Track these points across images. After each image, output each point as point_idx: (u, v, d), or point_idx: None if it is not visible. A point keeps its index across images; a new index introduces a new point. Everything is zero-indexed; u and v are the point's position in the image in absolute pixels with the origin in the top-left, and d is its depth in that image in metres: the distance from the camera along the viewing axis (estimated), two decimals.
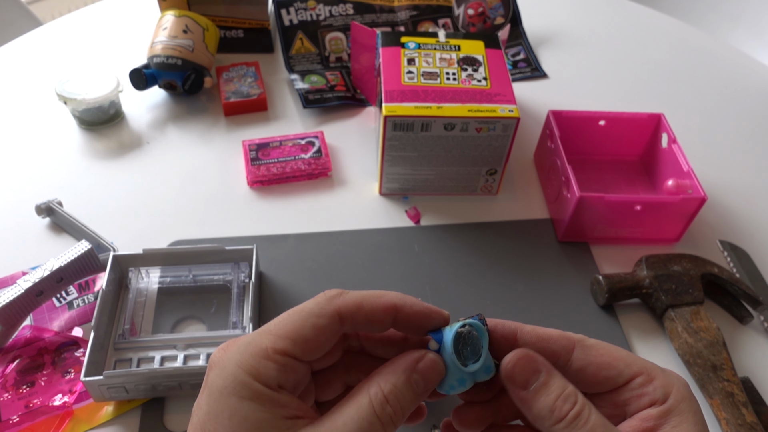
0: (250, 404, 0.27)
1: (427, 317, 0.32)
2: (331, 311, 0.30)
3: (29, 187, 0.75)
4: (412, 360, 0.30)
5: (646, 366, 0.31)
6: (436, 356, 0.31)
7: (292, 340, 0.29)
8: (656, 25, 1.08)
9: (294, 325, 0.29)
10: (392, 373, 0.30)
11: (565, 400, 0.29)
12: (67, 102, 0.79)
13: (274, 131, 0.83)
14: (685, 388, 0.31)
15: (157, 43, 0.83)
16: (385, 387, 0.29)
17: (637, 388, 0.31)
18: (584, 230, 0.70)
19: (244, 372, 0.28)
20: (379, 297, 0.31)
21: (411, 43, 0.75)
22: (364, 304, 0.30)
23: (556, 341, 0.32)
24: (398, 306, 0.31)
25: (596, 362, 0.32)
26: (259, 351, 0.29)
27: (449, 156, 0.71)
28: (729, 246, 0.72)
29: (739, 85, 0.96)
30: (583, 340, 0.32)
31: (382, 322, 0.31)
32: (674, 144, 0.72)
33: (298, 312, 0.30)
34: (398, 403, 0.29)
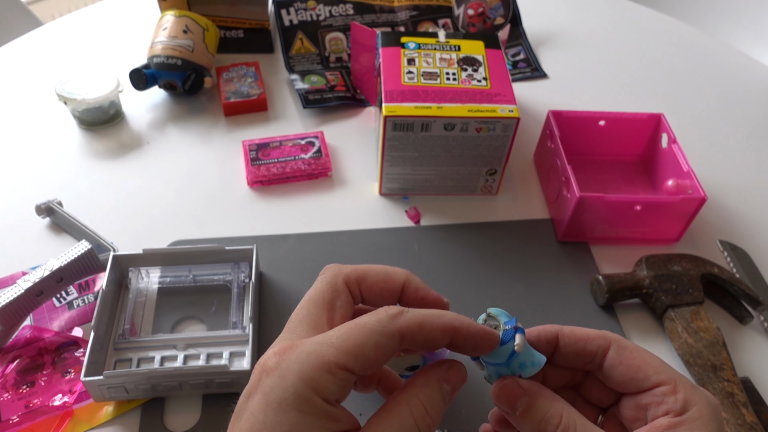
0: (309, 419, 0.28)
1: (483, 340, 0.32)
2: (394, 331, 0.30)
3: (29, 187, 0.75)
4: (442, 371, 0.32)
5: (676, 379, 0.32)
6: (460, 364, 0.33)
7: (354, 356, 0.29)
8: (656, 25, 1.08)
9: (357, 341, 0.29)
10: (426, 385, 0.31)
11: (547, 422, 0.31)
12: (67, 102, 0.79)
13: (274, 131, 0.83)
14: (709, 409, 0.31)
15: (157, 43, 0.83)
16: (423, 400, 0.30)
17: (660, 396, 0.32)
18: (584, 230, 0.70)
19: (306, 386, 0.28)
20: (438, 318, 0.31)
21: (411, 43, 0.75)
22: (424, 324, 0.31)
23: (593, 341, 0.34)
24: (456, 328, 0.31)
25: (626, 363, 0.33)
26: (322, 364, 0.28)
27: (449, 156, 0.71)
28: (729, 246, 0.72)
29: (739, 85, 0.96)
30: (619, 341, 0.34)
31: (440, 342, 0.31)
32: (674, 144, 0.72)
33: (360, 327, 0.30)
34: (435, 413, 0.31)
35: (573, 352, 0.34)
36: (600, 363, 0.34)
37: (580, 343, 0.34)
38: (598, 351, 0.34)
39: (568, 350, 0.35)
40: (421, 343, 0.31)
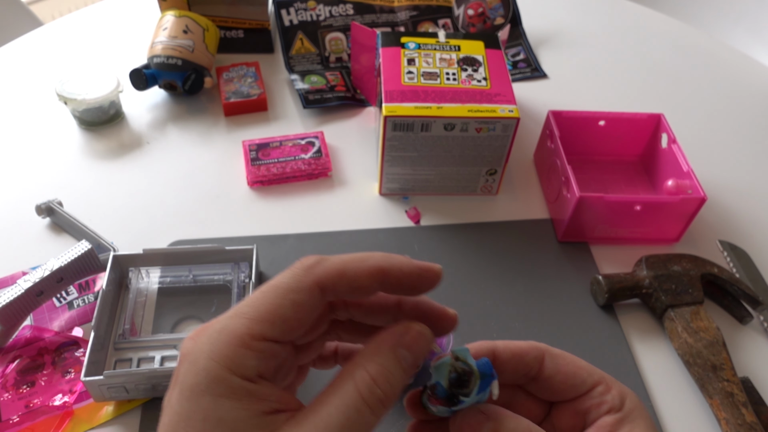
0: (226, 402, 0.24)
1: (419, 278, 0.29)
2: (310, 284, 0.27)
3: (29, 187, 0.75)
4: (396, 334, 0.28)
5: (603, 375, 0.32)
6: (421, 326, 0.29)
7: (270, 322, 0.26)
8: (656, 25, 1.08)
9: (271, 305, 0.26)
10: (377, 352, 0.27)
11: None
12: (68, 102, 0.79)
13: (274, 131, 0.83)
14: (635, 397, 0.32)
15: (158, 44, 0.83)
16: (371, 369, 0.26)
17: (598, 396, 0.32)
18: (584, 230, 0.70)
19: (218, 365, 0.25)
20: (363, 261, 0.28)
21: (411, 43, 0.75)
22: (346, 271, 0.27)
23: (528, 353, 0.32)
24: (385, 269, 0.28)
25: (563, 371, 0.32)
26: (234, 339, 0.25)
27: (449, 156, 0.71)
28: (729, 246, 0.72)
29: (739, 86, 0.96)
30: (549, 350, 0.33)
31: (368, 288, 0.28)
32: (674, 144, 0.72)
33: (273, 289, 0.27)
34: (388, 384, 0.26)
35: (511, 368, 0.32)
36: (535, 375, 0.33)
37: (516, 358, 0.32)
38: (534, 363, 0.32)
39: (506, 367, 0.32)
40: (346, 291, 0.28)
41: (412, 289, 0.29)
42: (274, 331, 0.26)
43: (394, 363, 0.27)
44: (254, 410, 0.25)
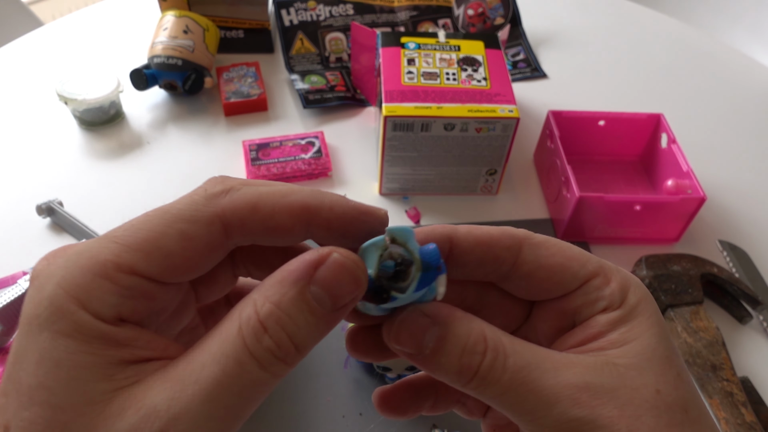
0: (69, 343, 0.19)
1: (357, 222, 0.23)
2: (210, 215, 0.21)
3: (30, 188, 0.75)
4: (308, 265, 0.21)
5: (601, 265, 0.25)
6: (345, 254, 0.21)
7: (146, 252, 0.20)
8: (656, 25, 1.08)
9: (152, 232, 0.21)
10: (276, 285, 0.21)
11: (472, 353, 0.22)
12: (68, 102, 0.79)
13: (275, 131, 0.83)
14: (641, 288, 0.25)
15: (158, 44, 0.83)
16: (261, 308, 0.20)
17: (593, 292, 0.25)
18: (584, 230, 0.70)
19: (66, 294, 0.19)
20: (284, 195, 0.22)
21: (411, 43, 0.75)
22: (260, 205, 0.22)
23: (498, 242, 0.25)
24: (312, 208, 0.22)
25: (547, 264, 0.25)
26: (95, 266, 0.20)
27: (449, 156, 0.71)
28: (728, 246, 0.72)
29: (739, 86, 0.96)
30: (530, 238, 0.26)
31: (289, 231, 0.22)
32: (674, 144, 0.73)
33: (160, 213, 0.21)
34: (283, 332, 0.20)
35: (474, 260, 0.25)
36: (508, 271, 0.26)
37: (481, 246, 0.25)
38: (507, 254, 0.25)
39: (468, 258, 0.25)
40: (259, 232, 0.22)
41: (347, 237, 0.23)
42: (150, 265, 0.20)
43: (297, 305, 0.20)
44: (106, 357, 0.19)
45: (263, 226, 0.22)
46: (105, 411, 0.19)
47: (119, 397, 0.19)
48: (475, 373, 0.22)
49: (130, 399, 0.19)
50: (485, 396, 0.23)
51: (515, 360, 0.22)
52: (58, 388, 0.19)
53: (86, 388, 0.19)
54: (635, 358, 0.23)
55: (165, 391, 0.19)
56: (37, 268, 0.20)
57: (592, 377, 0.22)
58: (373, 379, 0.58)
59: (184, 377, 0.19)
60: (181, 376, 0.19)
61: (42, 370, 0.19)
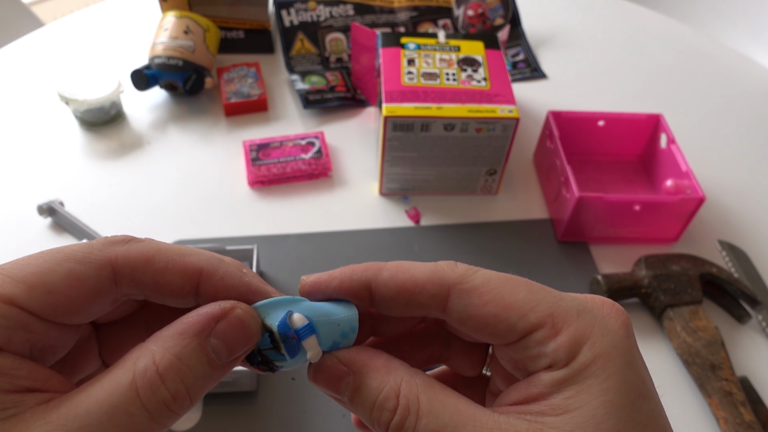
0: None
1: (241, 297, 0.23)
2: (102, 259, 0.21)
3: (31, 188, 0.75)
4: (209, 318, 0.21)
5: (554, 313, 0.22)
6: (246, 310, 0.22)
7: (28, 285, 0.20)
8: (655, 26, 1.08)
9: (39, 267, 0.21)
10: (177, 337, 0.20)
11: (381, 409, 0.22)
12: (69, 103, 0.79)
13: (275, 131, 0.83)
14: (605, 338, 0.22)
15: (158, 44, 0.83)
16: (162, 359, 0.20)
17: (534, 346, 0.22)
18: (583, 230, 0.70)
19: None
20: (182, 255, 0.22)
21: (411, 43, 0.75)
22: (156, 259, 0.22)
23: (422, 290, 0.23)
24: (205, 274, 0.22)
25: (477, 315, 0.23)
26: None
27: (449, 156, 0.71)
28: (727, 246, 0.72)
29: (738, 86, 0.96)
30: (461, 282, 0.23)
31: (178, 290, 0.22)
32: (673, 144, 0.73)
33: (54, 252, 0.21)
34: (182, 384, 0.20)
35: (398, 307, 0.24)
36: (441, 314, 0.24)
37: (404, 294, 0.23)
38: (433, 303, 0.23)
39: (391, 305, 0.24)
40: (149, 285, 0.22)
41: None
42: (31, 298, 0.20)
43: (197, 357, 0.20)
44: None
45: (154, 281, 0.22)
46: None
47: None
48: (386, 429, 0.22)
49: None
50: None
51: (428, 421, 0.21)
52: None
53: None
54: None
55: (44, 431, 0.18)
56: None
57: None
58: None
59: (68, 422, 0.18)
60: (64, 421, 0.18)
61: None
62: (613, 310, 0.23)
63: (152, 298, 0.23)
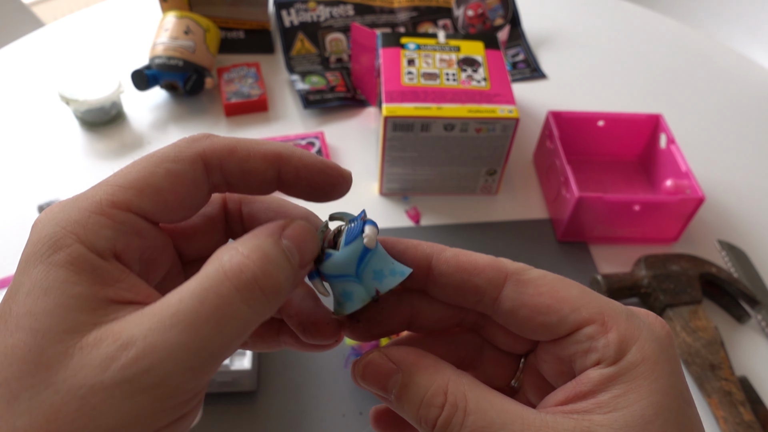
0: (61, 272, 0.19)
1: (322, 174, 0.24)
2: (192, 154, 0.23)
3: (32, 188, 0.75)
4: (278, 225, 0.23)
5: (603, 311, 0.23)
6: (305, 221, 0.24)
7: (137, 189, 0.21)
8: (655, 26, 1.08)
9: (141, 172, 0.22)
10: (253, 237, 0.22)
11: (429, 406, 0.22)
12: (69, 103, 0.79)
13: (275, 132, 0.83)
14: (654, 344, 0.22)
15: (159, 44, 0.83)
16: (245, 247, 0.21)
17: (584, 341, 0.22)
18: (583, 230, 0.70)
19: (63, 230, 0.20)
20: (258, 143, 0.24)
21: (411, 44, 0.75)
22: (238, 149, 0.23)
23: (481, 272, 0.24)
24: (284, 156, 0.24)
25: (530, 304, 0.23)
26: (90, 204, 0.21)
27: (449, 156, 0.71)
28: (727, 246, 0.72)
29: (737, 86, 0.97)
30: (519, 273, 0.24)
31: (261, 174, 0.24)
32: (673, 144, 0.73)
33: (148, 157, 0.22)
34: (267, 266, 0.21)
35: (453, 285, 0.25)
36: (492, 303, 0.24)
37: (462, 273, 0.24)
38: (488, 287, 0.24)
39: (446, 281, 0.25)
40: (236, 174, 0.23)
41: (313, 188, 0.25)
42: (143, 201, 0.21)
43: (275, 248, 0.21)
44: (93, 291, 0.20)
45: (239, 168, 0.23)
46: (82, 340, 0.19)
47: (97, 330, 0.19)
48: (433, 426, 0.22)
49: (108, 332, 0.19)
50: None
51: (476, 419, 0.21)
52: (42, 314, 0.19)
53: (69, 316, 0.19)
54: (621, 431, 0.20)
55: (142, 324, 0.19)
56: (38, 218, 0.21)
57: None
58: None
59: (162, 311, 0.19)
60: (159, 311, 0.19)
61: (31, 298, 0.19)
62: (657, 320, 0.24)
63: (239, 187, 0.24)
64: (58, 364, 0.18)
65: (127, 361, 0.18)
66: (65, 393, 0.18)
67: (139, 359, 0.18)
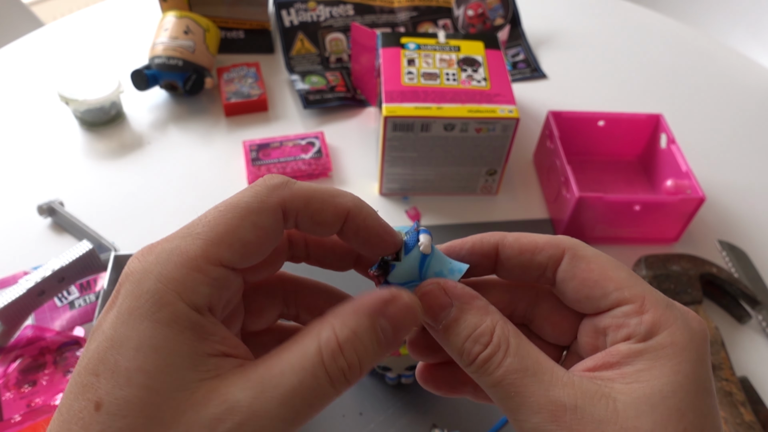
0: (167, 331, 0.21)
1: (378, 237, 0.26)
2: (274, 205, 0.24)
3: (31, 188, 0.75)
4: (381, 301, 0.24)
5: (644, 296, 0.24)
6: (412, 300, 0.25)
7: (228, 244, 0.23)
8: (655, 26, 1.08)
9: (229, 226, 0.23)
10: (352, 314, 0.23)
11: (475, 341, 0.24)
12: (69, 103, 0.79)
13: (275, 132, 0.83)
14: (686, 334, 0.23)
15: (159, 44, 0.83)
16: (341, 332, 0.22)
17: (620, 317, 0.25)
18: (583, 230, 0.70)
19: (165, 288, 0.21)
20: (333, 196, 0.25)
21: (411, 43, 0.75)
22: (313, 200, 0.25)
23: (542, 251, 0.27)
24: (352, 211, 0.26)
25: (581, 277, 0.26)
26: (187, 261, 0.22)
27: (449, 156, 0.71)
28: (727, 246, 0.72)
29: (738, 86, 0.96)
30: (576, 248, 0.26)
31: (330, 224, 0.25)
32: (673, 144, 0.73)
33: (232, 208, 0.23)
34: (355, 355, 0.22)
35: (518, 266, 0.27)
36: (552, 278, 0.27)
37: (525, 254, 0.27)
38: (549, 263, 0.27)
39: (513, 263, 0.27)
40: (308, 222, 0.25)
41: (367, 245, 0.26)
42: (233, 254, 0.23)
43: (369, 333, 0.23)
44: (196, 347, 0.21)
45: (311, 219, 0.25)
46: (192, 398, 0.20)
47: (203, 387, 0.21)
48: (473, 361, 0.24)
49: (213, 391, 0.21)
50: (480, 383, 0.25)
51: (514, 361, 0.24)
52: (155, 372, 0.20)
53: (179, 374, 0.21)
54: (639, 400, 0.22)
55: (246, 389, 0.21)
56: (130, 266, 0.22)
57: (583, 402, 0.23)
58: (373, 379, 0.58)
59: (265, 381, 0.21)
60: (261, 379, 0.21)
61: (141, 354, 0.20)
62: (697, 318, 0.25)
63: (306, 230, 0.26)
64: (172, 420, 0.20)
65: (233, 425, 0.20)
66: None
67: (243, 425, 0.20)
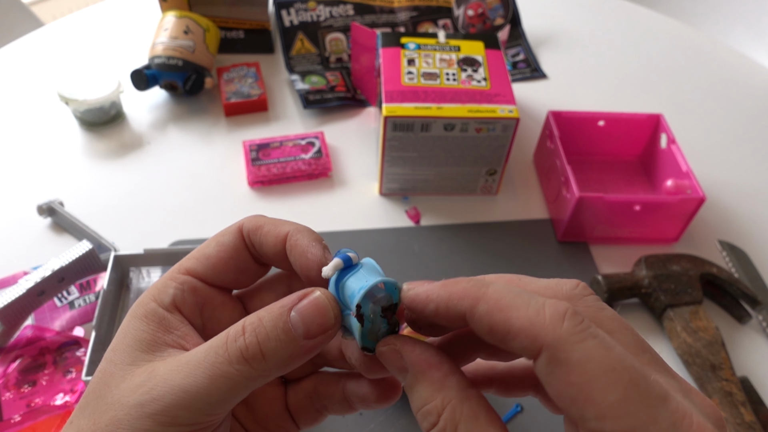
0: (138, 322, 0.27)
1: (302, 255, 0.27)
2: (234, 228, 0.29)
3: (31, 188, 0.75)
4: (296, 296, 0.25)
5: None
6: (325, 296, 0.25)
7: (195, 259, 0.29)
8: (655, 26, 1.08)
9: (202, 248, 0.29)
10: (267, 308, 0.25)
11: (423, 417, 0.24)
12: (69, 103, 0.79)
13: (275, 132, 0.83)
14: None
15: (158, 44, 0.83)
16: (248, 318, 0.25)
17: None
18: (584, 230, 0.70)
19: (148, 293, 0.28)
20: (278, 226, 0.28)
21: (411, 43, 0.75)
22: (266, 224, 0.29)
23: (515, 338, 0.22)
24: (290, 233, 0.28)
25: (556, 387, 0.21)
26: (169, 274, 0.29)
27: (449, 156, 0.71)
28: (728, 246, 0.72)
29: (738, 86, 0.96)
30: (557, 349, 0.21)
31: (273, 248, 0.28)
32: (673, 144, 0.73)
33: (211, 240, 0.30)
34: (255, 338, 0.24)
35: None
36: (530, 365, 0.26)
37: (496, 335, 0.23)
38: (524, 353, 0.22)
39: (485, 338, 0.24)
40: (257, 246, 0.29)
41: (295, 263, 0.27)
42: (198, 266, 0.29)
43: (275, 321, 0.25)
44: (155, 337, 0.26)
45: (260, 242, 0.29)
46: (135, 371, 0.25)
47: (148, 366, 0.25)
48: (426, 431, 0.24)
49: (150, 368, 0.25)
50: None
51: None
52: (118, 350, 0.26)
53: (133, 354, 0.26)
54: None
55: (169, 365, 0.25)
56: None
57: None
58: None
59: (181, 358, 0.25)
60: (183, 356, 0.25)
61: (120, 338, 0.27)
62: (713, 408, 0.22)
63: (264, 256, 0.29)
64: (114, 386, 0.25)
65: (147, 389, 0.24)
66: (109, 406, 0.25)
67: (152, 389, 0.24)
